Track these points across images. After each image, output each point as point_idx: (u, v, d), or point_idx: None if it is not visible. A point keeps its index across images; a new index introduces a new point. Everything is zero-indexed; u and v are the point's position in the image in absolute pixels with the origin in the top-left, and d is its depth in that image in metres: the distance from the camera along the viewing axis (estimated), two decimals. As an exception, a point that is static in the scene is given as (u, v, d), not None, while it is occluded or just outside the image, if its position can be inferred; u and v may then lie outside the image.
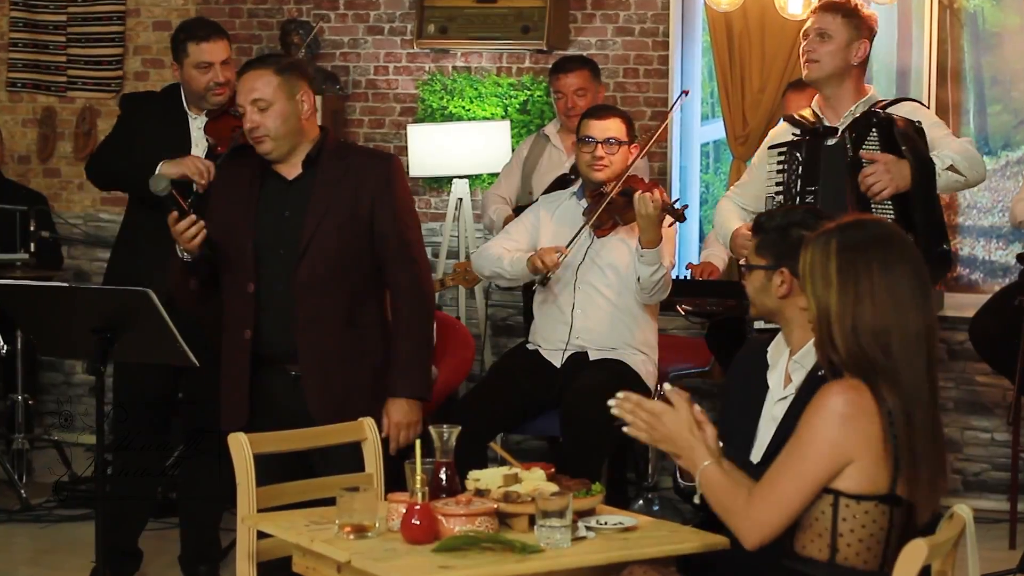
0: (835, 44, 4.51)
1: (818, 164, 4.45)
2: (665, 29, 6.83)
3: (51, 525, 5.99)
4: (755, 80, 6.55)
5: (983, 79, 6.40)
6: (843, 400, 2.84)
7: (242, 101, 4.11)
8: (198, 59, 4.90)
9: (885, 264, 2.87)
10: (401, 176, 4.23)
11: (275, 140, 4.09)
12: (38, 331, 4.64)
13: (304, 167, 4.15)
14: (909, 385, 2.84)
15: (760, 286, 3.49)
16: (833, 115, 4.55)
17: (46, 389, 7.67)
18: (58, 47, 7.72)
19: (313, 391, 4.10)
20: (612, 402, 3.07)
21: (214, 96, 4.91)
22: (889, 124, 4.40)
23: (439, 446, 3.31)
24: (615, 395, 3.07)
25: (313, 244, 4.08)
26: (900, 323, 2.84)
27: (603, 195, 5.03)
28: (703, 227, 7.03)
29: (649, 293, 5.01)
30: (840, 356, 2.88)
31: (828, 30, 4.53)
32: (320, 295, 4.09)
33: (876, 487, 2.85)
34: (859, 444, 2.82)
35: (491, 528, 3.11)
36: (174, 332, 4.25)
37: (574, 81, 6.06)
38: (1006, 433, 6.20)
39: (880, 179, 4.32)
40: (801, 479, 2.84)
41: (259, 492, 3.49)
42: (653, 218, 4.82)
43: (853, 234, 2.92)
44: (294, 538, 3.21)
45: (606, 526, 3.19)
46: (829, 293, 2.88)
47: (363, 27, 7.30)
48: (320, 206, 4.10)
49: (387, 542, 3.09)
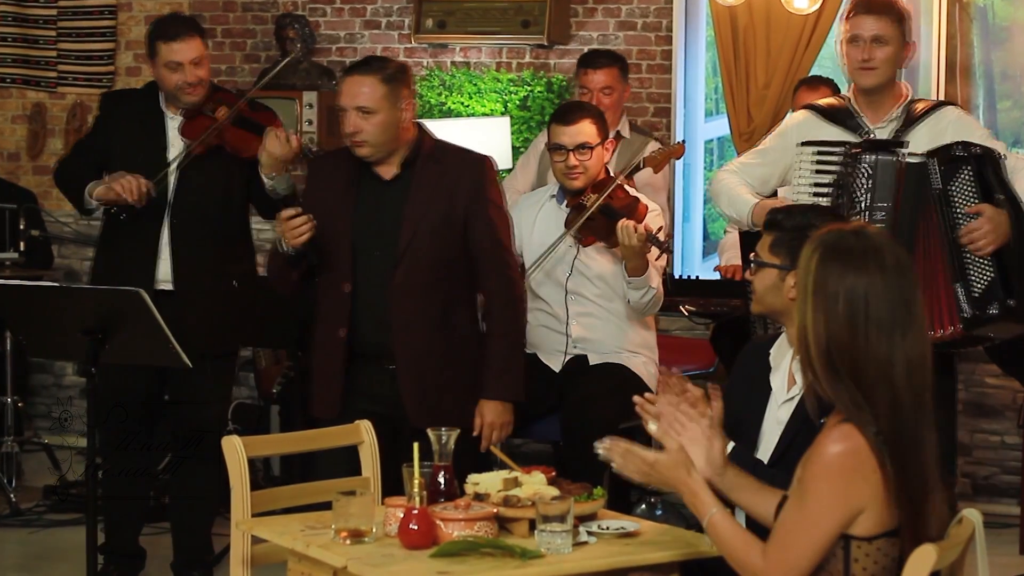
0: (892, 49, 4.47)
1: (890, 179, 4.36)
2: (668, 23, 6.83)
3: (41, 530, 5.99)
4: (760, 76, 6.55)
5: (993, 74, 6.40)
6: (842, 453, 2.77)
7: (346, 104, 4.20)
8: (167, 58, 4.90)
9: (854, 280, 2.78)
10: (494, 177, 4.38)
11: (374, 146, 4.21)
12: (27, 332, 4.64)
13: (401, 167, 4.27)
14: (893, 415, 2.77)
15: (771, 284, 3.44)
16: (874, 116, 4.50)
17: (36, 391, 7.68)
18: (48, 42, 7.72)
19: (408, 389, 4.25)
20: (598, 446, 3.11)
21: (185, 96, 4.92)
22: (981, 164, 4.29)
23: (437, 449, 3.31)
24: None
25: (410, 250, 4.22)
26: (856, 345, 2.77)
27: (583, 207, 4.99)
28: (707, 225, 7.04)
29: (641, 312, 5.04)
30: (816, 376, 2.82)
31: (885, 35, 4.47)
32: (415, 299, 4.22)
33: (887, 526, 2.81)
34: (868, 493, 2.77)
35: (490, 533, 3.11)
36: (167, 333, 4.25)
37: (602, 78, 5.88)
38: (1016, 436, 6.21)
39: (985, 236, 4.22)
40: (816, 541, 2.80)
41: (253, 496, 3.49)
42: (637, 249, 4.81)
43: (835, 243, 2.84)
44: (289, 543, 3.20)
45: (608, 531, 3.19)
46: (805, 304, 2.83)
47: (359, 21, 7.30)
48: (417, 211, 4.23)
49: (384, 547, 3.09)
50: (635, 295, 4.94)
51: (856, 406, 2.78)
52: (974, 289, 4.19)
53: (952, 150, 4.31)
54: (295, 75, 7.14)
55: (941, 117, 4.50)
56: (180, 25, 4.99)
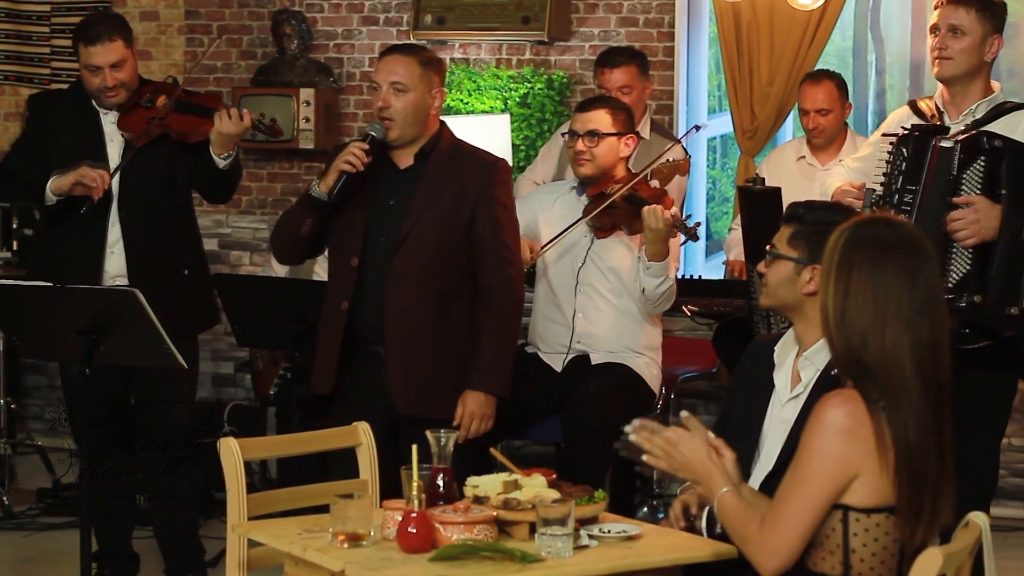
0: (970, 41, 4.43)
1: (923, 163, 4.36)
2: (671, 19, 6.83)
3: (34, 533, 5.99)
4: (764, 72, 6.55)
5: (1000, 71, 6.40)
6: (841, 413, 2.85)
7: (381, 80, 4.34)
8: (86, 62, 4.91)
9: (876, 265, 2.87)
10: (507, 180, 4.47)
11: (401, 127, 4.33)
12: (21, 332, 4.64)
13: (416, 159, 4.39)
14: (901, 396, 2.83)
15: (786, 278, 3.45)
16: (955, 111, 4.48)
17: (29, 392, 7.67)
18: (42, 38, 7.73)
19: (396, 378, 4.32)
20: (628, 428, 3.11)
21: (106, 98, 4.93)
22: (999, 157, 4.24)
23: (436, 451, 3.31)
24: (629, 423, 3.09)
25: (411, 236, 4.31)
26: (878, 331, 2.84)
27: (605, 196, 5.02)
28: (710, 224, 7.04)
29: (654, 304, 5.03)
30: (834, 354, 2.91)
31: (962, 26, 4.43)
32: (412, 286, 4.30)
33: (884, 499, 2.85)
34: (862, 457, 2.82)
35: (490, 536, 3.10)
36: (162, 333, 4.26)
37: (620, 78, 5.83)
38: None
39: (967, 227, 4.17)
40: (809, 500, 2.85)
41: (250, 499, 3.49)
42: (662, 233, 4.82)
43: (861, 231, 2.93)
44: (286, 547, 3.20)
45: (610, 534, 3.19)
46: (827, 287, 2.91)
47: (357, 17, 7.30)
48: (424, 201, 4.33)
49: (382, 551, 3.09)
50: (652, 283, 4.94)
51: (868, 379, 2.84)
52: (949, 279, 4.16)
53: (978, 140, 4.28)
54: (292, 72, 7.15)
55: (1021, 116, 4.45)
56: (101, 27, 4.94)
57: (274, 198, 7.45)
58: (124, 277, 4.91)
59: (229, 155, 4.87)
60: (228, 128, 4.78)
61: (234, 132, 4.80)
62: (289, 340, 5.04)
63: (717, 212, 7.06)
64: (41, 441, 6.96)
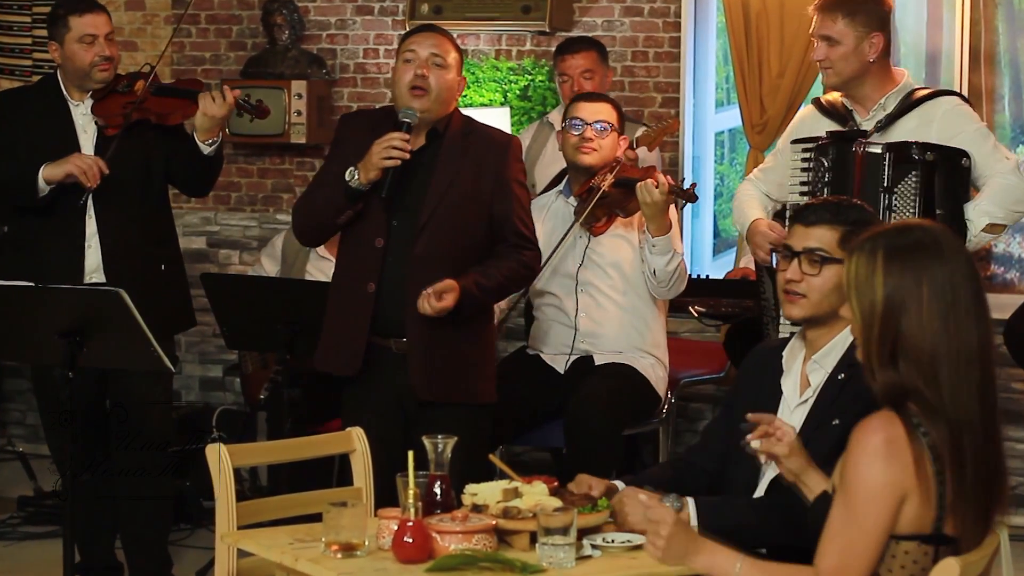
0: (844, 48, 4.49)
1: (849, 171, 4.38)
2: (677, 9, 6.83)
3: (15, 543, 5.99)
4: (773, 64, 6.55)
5: (1019, 63, 6.40)
6: (882, 438, 2.77)
7: (420, 50, 4.37)
8: (81, 31, 5.00)
9: (935, 272, 2.80)
10: (520, 156, 4.52)
11: (434, 101, 4.36)
12: (1, 334, 4.63)
13: (428, 139, 4.41)
14: (955, 412, 2.78)
15: (836, 285, 3.35)
16: (862, 109, 4.53)
17: (10, 397, 7.67)
18: (23, 28, 7.72)
19: (417, 361, 4.34)
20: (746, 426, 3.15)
21: (99, 72, 4.99)
22: (930, 170, 4.27)
23: (433, 458, 3.31)
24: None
25: (433, 221, 4.35)
26: (951, 340, 2.78)
27: (594, 190, 5.03)
28: (717, 222, 7.04)
29: (667, 285, 5.03)
30: (873, 378, 2.83)
31: (832, 35, 4.51)
32: (434, 271, 4.30)
33: (918, 526, 2.81)
34: (908, 478, 2.77)
35: (489, 546, 3.11)
36: (148, 335, 4.26)
37: (581, 62, 6.09)
38: (1044, 444, 6.21)
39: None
40: (870, 535, 2.79)
41: (239, 508, 3.50)
42: (660, 204, 4.84)
43: (899, 240, 2.85)
44: (277, 557, 3.20)
45: (613, 544, 3.19)
46: (874, 307, 2.81)
47: (351, 7, 7.30)
48: (442, 183, 4.37)
49: (377, 561, 3.09)
50: (660, 261, 4.94)
51: (916, 401, 2.79)
52: None
53: (907, 149, 4.32)
54: (283, 63, 7.15)
55: (935, 106, 4.50)
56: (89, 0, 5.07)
57: (264, 194, 7.45)
58: (100, 272, 4.92)
59: (214, 141, 4.92)
60: (213, 109, 4.85)
61: (219, 114, 4.87)
62: (280, 342, 5.03)
63: (725, 209, 7.05)
64: (22, 447, 6.96)
